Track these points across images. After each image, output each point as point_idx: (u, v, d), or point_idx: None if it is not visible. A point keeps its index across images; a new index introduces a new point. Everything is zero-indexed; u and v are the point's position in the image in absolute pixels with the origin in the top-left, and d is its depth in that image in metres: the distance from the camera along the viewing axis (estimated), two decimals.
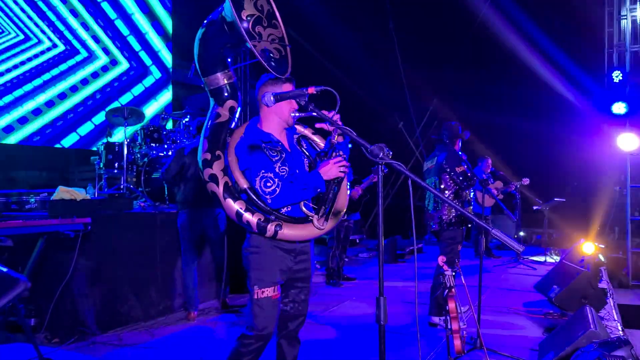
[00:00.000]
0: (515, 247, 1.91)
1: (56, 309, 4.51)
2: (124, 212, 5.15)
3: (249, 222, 2.62)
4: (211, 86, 2.79)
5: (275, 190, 2.59)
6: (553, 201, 9.10)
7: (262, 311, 2.70)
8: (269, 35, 2.67)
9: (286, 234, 2.64)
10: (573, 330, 3.69)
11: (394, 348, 4.35)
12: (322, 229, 2.69)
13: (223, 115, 2.79)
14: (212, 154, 2.71)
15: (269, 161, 2.66)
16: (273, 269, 2.72)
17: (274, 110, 2.73)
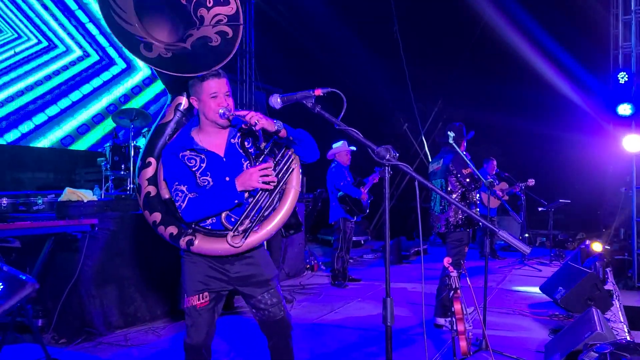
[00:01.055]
0: (522, 248, 1.91)
1: (63, 309, 4.55)
2: (131, 213, 5.18)
3: (162, 234, 2.55)
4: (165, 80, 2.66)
5: (181, 205, 2.45)
6: (558, 202, 9.07)
7: (191, 321, 2.60)
8: (214, 17, 2.38)
9: (199, 248, 2.50)
10: (579, 331, 3.69)
11: (400, 349, 4.36)
12: (238, 247, 2.45)
13: (167, 114, 2.63)
14: (143, 161, 2.60)
15: (187, 171, 2.49)
16: (198, 276, 2.58)
17: (201, 111, 2.51)
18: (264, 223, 2.51)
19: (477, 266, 7.84)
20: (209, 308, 2.62)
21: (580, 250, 7.01)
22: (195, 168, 2.51)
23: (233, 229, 2.47)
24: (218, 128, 2.55)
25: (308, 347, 4.44)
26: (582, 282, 5.33)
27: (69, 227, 4.26)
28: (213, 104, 2.47)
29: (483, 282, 4.49)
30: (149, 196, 2.55)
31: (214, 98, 2.47)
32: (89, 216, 4.49)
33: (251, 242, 2.50)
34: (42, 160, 8.17)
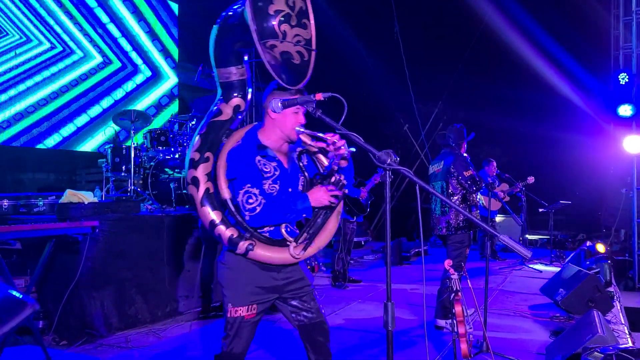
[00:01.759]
0: (523, 252, 1.91)
1: (64, 311, 4.55)
2: (131, 215, 5.18)
3: (221, 234, 2.47)
4: (221, 79, 2.62)
5: (255, 209, 2.40)
6: (558, 204, 9.07)
7: (233, 331, 2.55)
8: (295, 36, 2.43)
9: (258, 255, 2.47)
10: (580, 334, 3.69)
11: (400, 351, 4.36)
12: (298, 258, 2.51)
13: (225, 113, 2.62)
14: (201, 154, 2.54)
15: (259, 176, 2.48)
16: (249, 287, 2.54)
17: (278, 123, 2.53)
18: (317, 237, 2.59)
19: (478, 267, 7.84)
20: (255, 320, 2.60)
21: (584, 251, 7.00)
22: (269, 174, 2.52)
23: (296, 241, 2.52)
24: (284, 141, 2.59)
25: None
26: (583, 283, 5.33)
27: (69, 229, 4.27)
28: (294, 120, 2.52)
29: (483, 283, 4.49)
30: (208, 192, 2.50)
31: (296, 114, 2.52)
32: (90, 218, 4.49)
33: (308, 254, 2.57)
34: (42, 161, 8.19)
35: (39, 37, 7.95)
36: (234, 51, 2.58)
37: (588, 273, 5.47)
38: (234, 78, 2.61)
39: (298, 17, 2.42)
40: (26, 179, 8.06)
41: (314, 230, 2.55)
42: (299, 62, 2.45)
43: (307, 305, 2.68)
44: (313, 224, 2.55)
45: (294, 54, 2.43)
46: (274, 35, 2.35)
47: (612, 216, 9.54)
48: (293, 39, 2.42)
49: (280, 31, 2.36)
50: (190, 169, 2.54)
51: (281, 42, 2.37)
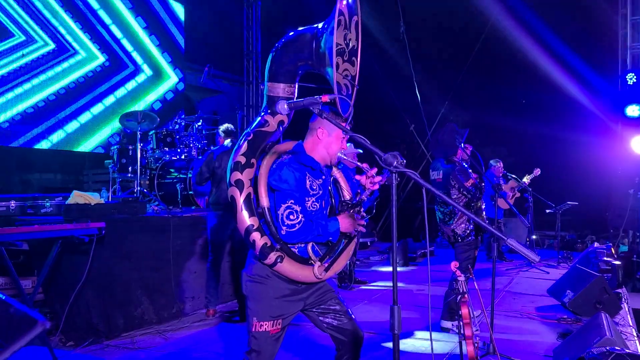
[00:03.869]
0: (531, 257, 1.90)
1: (71, 312, 4.56)
2: (138, 216, 5.19)
3: (255, 241, 2.50)
4: (270, 92, 2.74)
5: (295, 226, 2.46)
6: (566, 204, 9.02)
7: (258, 345, 2.56)
8: (344, 70, 2.62)
9: (284, 269, 2.51)
10: (588, 337, 3.66)
11: (406, 352, 4.35)
12: (320, 278, 2.57)
13: (271, 125, 2.71)
14: (247, 159, 2.60)
15: (306, 193, 2.54)
16: (276, 301, 2.56)
17: (324, 144, 2.62)
18: (337, 261, 2.67)
19: (484, 268, 7.80)
20: (279, 335, 2.61)
21: (592, 252, 6.95)
22: (314, 193, 2.59)
23: (321, 261, 2.58)
24: (326, 163, 2.68)
25: (314, 350, 4.43)
26: (591, 285, 5.30)
27: (76, 230, 4.28)
28: (339, 144, 2.63)
29: (490, 284, 4.47)
30: (249, 197, 2.56)
31: (342, 140, 2.64)
32: (96, 219, 4.50)
33: (328, 275, 2.63)
34: (49, 161, 8.23)
35: (44, 37, 7.98)
36: (291, 70, 2.71)
37: (596, 275, 5.44)
38: (281, 94, 2.72)
39: (350, 54, 2.63)
40: (33, 179, 8.10)
41: (336, 254, 2.65)
42: (345, 94, 2.61)
43: (333, 308, 2.72)
44: (336, 248, 2.64)
45: (342, 85, 2.60)
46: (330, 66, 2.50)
47: (619, 217, 9.46)
48: (342, 72, 2.61)
49: (334, 62, 2.50)
50: (234, 171, 2.58)
51: (335, 73, 2.51)
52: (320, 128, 2.61)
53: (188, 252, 5.65)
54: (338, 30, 2.51)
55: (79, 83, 8.45)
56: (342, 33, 2.55)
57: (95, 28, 8.78)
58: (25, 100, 7.63)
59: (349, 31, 2.60)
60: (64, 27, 8.28)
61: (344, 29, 2.57)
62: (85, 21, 8.59)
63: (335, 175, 2.82)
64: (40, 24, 7.92)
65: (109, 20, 8.99)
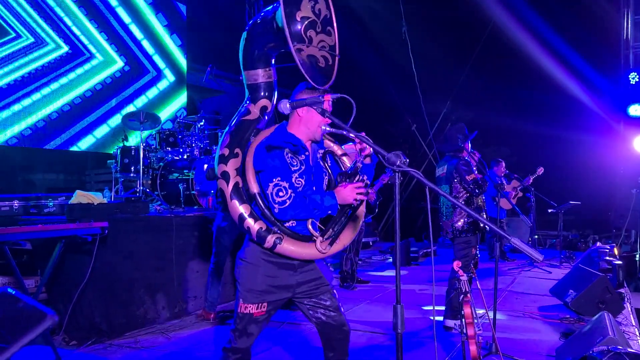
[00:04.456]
0: (535, 256, 1.90)
1: (74, 311, 4.58)
2: (140, 216, 5.20)
3: (249, 227, 2.52)
4: (248, 81, 2.73)
5: (285, 202, 2.46)
6: (568, 204, 9.01)
7: (242, 325, 2.62)
8: (320, 42, 2.56)
9: (285, 249, 2.52)
10: (591, 337, 3.66)
11: (409, 352, 4.34)
12: (324, 253, 2.57)
13: (253, 113, 2.72)
14: (231, 150, 2.62)
15: (288, 169, 2.53)
16: (262, 286, 2.59)
17: (304, 120, 2.61)
18: (342, 234, 2.64)
19: (487, 268, 7.81)
20: (264, 318, 2.66)
21: (595, 251, 6.94)
22: (295, 168, 2.57)
23: (323, 236, 2.56)
24: (309, 138, 2.66)
25: (316, 350, 4.44)
26: (593, 285, 5.30)
27: (79, 230, 4.28)
28: (320, 118, 2.59)
29: (492, 284, 4.47)
30: (237, 186, 2.57)
31: (324, 103, 2.58)
32: (99, 219, 4.50)
33: (334, 250, 2.62)
34: (52, 162, 8.24)
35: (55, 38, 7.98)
36: (263, 54, 2.69)
37: (598, 274, 5.43)
38: (261, 80, 2.71)
39: (323, 25, 2.57)
40: (36, 179, 8.12)
41: (339, 227, 2.60)
42: (324, 65, 2.57)
43: (324, 304, 2.73)
44: (338, 221, 2.59)
45: (320, 58, 2.56)
46: (301, 40, 2.47)
47: (622, 216, 9.47)
48: (318, 44, 2.55)
49: (307, 36, 2.49)
50: (220, 164, 2.61)
51: (307, 47, 2.49)
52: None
53: (190, 252, 5.65)
54: (302, 3, 2.47)
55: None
56: (307, 5, 2.49)
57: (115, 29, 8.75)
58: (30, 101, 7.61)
59: (315, 1, 2.54)
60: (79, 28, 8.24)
61: (310, 1, 2.51)
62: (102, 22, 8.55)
63: (332, 148, 2.81)
64: (51, 25, 7.90)
65: (128, 20, 8.96)
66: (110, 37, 8.81)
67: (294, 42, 2.40)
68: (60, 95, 7.97)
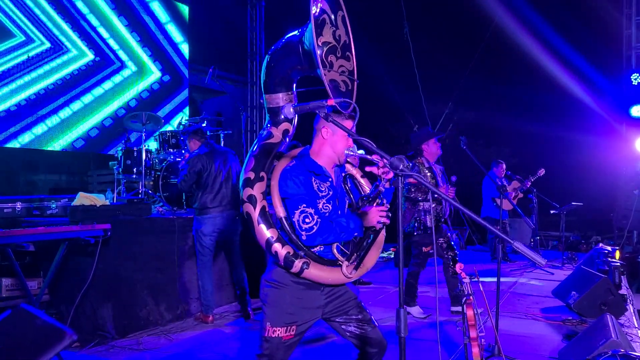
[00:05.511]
0: (538, 260, 1.90)
1: (77, 313, 4.59)
2: (143, 218, 5.21)
3: (277, 252, 2.50)
4: (270, 104, 2.75)
5: (312, 228, 2.47)
6: (570, 205, 9.00)
7: (269, 350, 2.56)
8: (340, 67, 2.61)
9: (312, 275, 2.52)
10: (593, 339, 3.66)
11: (412, 354, 4.34)
12: (350, 277, 2.57)
13: (276, 136, 2.72)
14: (256, 174, 2.61)
15: (315, 195, 2.55)
16: (292, 308, 2.57)
17: (330, 143, 2.63)
18: (366, 258, 2.64)
19: (489, 269, 7.80)
20: (292, 342, 2.61)
21: (597, 253, 6.93)
22: (323, 194, 2.59)
23: (349, 260, 2.57)
24: (334, 162, 2.68)
25: (318, 352, 4.44)
26: (596, 286, 5.29)
27: (82, 232, 4.30)
28: (345, 142, 2.63)
29: (494, 285, 4.47)
30: (264, 210, 2.56)
31: (347, 138, 2.62)
32: (102, 221, 4.51)
33: (359, 274, 2.63)
34: (54, 162, 8.25)
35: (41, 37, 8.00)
36: (285, 77, 2.72)
37: (601, 276, 5.43)
38: (282, 104, 2.72)
39: (342, 50, 2.64)
40: (38, 180, 8.13)
41: (363, 251, 2.61)
42: (345, 90, 2.62)
43: (356, 317, 2.71)
44: (362, 245, 2.60)
45: (340, 82, 2.61)
46: (323, 65, 2.50)
47: (624, 217, 9.46)
48: (338, 69, 2.61)
49: (328, 61, 2.54)
50: (246, 187, 2.59)
51: (328, 71, 2.53)
52: (324, 127, 2.63)
53: (193, 253, 5.65)
54: (324, 29, 2.51)
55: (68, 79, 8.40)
56: (329, 31, 2.54)
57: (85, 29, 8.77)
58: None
59: (336, 28, 2.59)
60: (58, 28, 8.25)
61: (331, 27, 2.56)
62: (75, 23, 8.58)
63: (352, 172, 2.84)
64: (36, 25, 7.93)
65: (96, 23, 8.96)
66: (112, 37, 8.82)
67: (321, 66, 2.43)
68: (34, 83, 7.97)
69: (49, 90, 7.99)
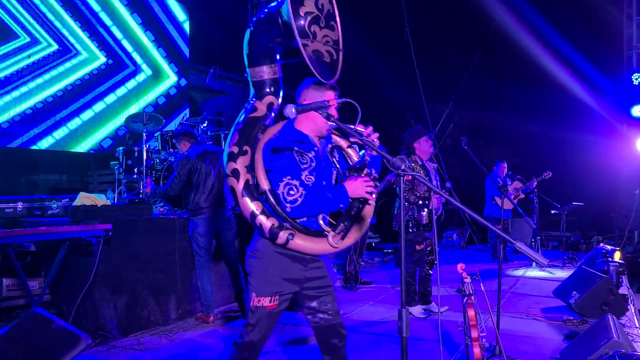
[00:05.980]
0: (540, 260, 1.90)
1: (78, 313, 4.59)
2: (144, 218, 5.21)
3: (262, 225, 2.53)
4: (254, 78, 2.73)
5: (297, 200, 2.48)
6: (571, 205, 9.00)
7: (255, 320, 2.62)
8: (324, 37, 2.57)
9: (298, 245, 2.54)
10: (595, 339, 3.66)
11: (413, 354, 4.34)
12: (336, 247, 2.59)
13: (260, 109, 2.72)
14: (240, 148, 2.61)
15: (297, 167, 2.55)
16: (275, 278, 2.61)
17: (311, 116, 2.62)
18: (353, 228, 2.67)
19: (489, 269, 7.80)
20: (276, 312, 2.67)
21: (598, 253, 6.94)
22: (305, 165, 2.59)
23: (337, 230, 2.59)
24: (316, 135, 2.69)
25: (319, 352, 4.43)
26: (597, 286, 5.29)
27: (83, 232, 4.30)
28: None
29: (495, 285, 4.47)
30: (248, 184, 2.57)
31: (329, 108, 2.57)
32: (103, 221, 4.52)
33: (345, 244, 2.64)
34: (54, 162, 8.25)
35: (47, 39, 7.99)
36: (268, 50, 2.69)
37: (602, 276, 5.43)
38: (266, 77, 2.72)
39: (326, 19, 2.58)
40: (39, 180, 8.13)
41: (350, 221, 2.63)
42: (329, 60, 2.58)
43: (324, 307, 2.74)
44: (349, 215, 2.62)
45: (324, 52, 2.57)
46: (306, 35, 2.48)
47: (625, 217, 9.47)
48: (322, 39, 2.57)
49: (311, 32, 2.51)
50: (229, 161, 2.60)
51: (312, 42, 2.50)
52: (305, 99, 2.64)
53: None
54: (306, 0, 2.48)
55: (80, 83, 8.41)
56: (310, 0, 2.51)
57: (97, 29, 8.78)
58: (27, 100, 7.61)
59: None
60: (67, 28, 8.26)
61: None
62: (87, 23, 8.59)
63: (339, 142, 2.85)
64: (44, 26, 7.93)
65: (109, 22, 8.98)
66: (114, 37, 8.83)
67: (299, 37, 2.41)
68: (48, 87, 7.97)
69: (57, 97, 8.00)
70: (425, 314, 5.49)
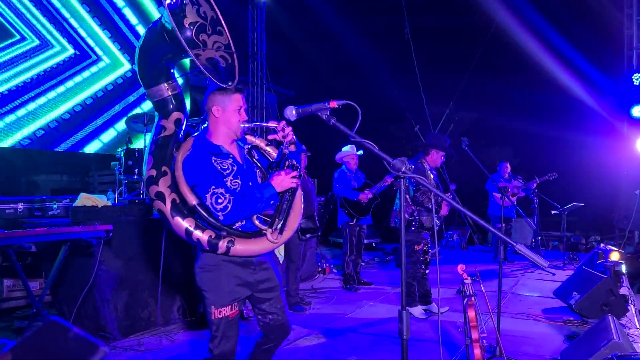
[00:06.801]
0: (541, 262, 1.90)
1: (78, 314, 4.59)
2: (145, 218, 5.21)
3: (199, 239, 2.53)
4: (154, 98, 2.71)
5: (227, 207, 2.49)
6: (571, 205, 8.99)
7: (220, 331, 2.63)
8: (214, 43, 2.59)
9: (239, 250, 2.56)
10: (595, 340, 3.65)
11: (411, 355, 4.34)
12: (276, 243, 2.64)
13: (168, 128, 2.70)
14: (158, 170, 2.59)
15: (220, 175, 2.56)
16: (230, 286, 2.63)
17: (222, 121, 2.65)
18: (289, 220, 2.70)
19: (490, 270, 7.80)
20: (237, 318, 2.70)
21: (598, 253, 6.93)
22: (228, 171, 2.61)
23: (272, 227, 2.62)
24: (232, 138, 2.71)
25: (321, 353, 4.45)
26: (597, 287, 5.29)
27: (83, 233, 4.30)
28: (237, 117, 2.66)
29: (496, 286, 4.47)
30: (175, 203, 2.56)
31: (238, 111, 2.66)
32: (104, 222, 4.52)
33: (284, 238, 2.69)
34: (56, 163, 8.26)
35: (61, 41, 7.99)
36: (161, 68, 2.67)
37: (602, 277, 5.43)
38: (166, 94, 2.70)
39: (212, 26, 2.59)
40: (40, 180, 8.14)
41: (283, 215, 2.68)
42: (225, 65, 2.61)
43: (273, 309, 2.81)
44: (281, 209, 2.67)
45: (219, 58, 2.60)
46: (196, 45, 2.49)
47: (626, 218, 9.44)
48: (213, 46, 2.59)
49: (200, 41, 2.52)
50: (151, 185, 2.59)
51: (204, 50, 2.52)
52: (214, 106, 2.66)
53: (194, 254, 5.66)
54: (186, 10, 2.48)
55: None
56: (192, 10, 2.51)
57: None
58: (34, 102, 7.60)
59: (199, 5, 2.55)
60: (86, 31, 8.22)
61: (193, 5, 2.53)
62: None
63: (255, 142, 2.90)
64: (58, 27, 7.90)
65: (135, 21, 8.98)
66: (114, 37, 8.82)
67: (190, 48, 2.42)
68: (65, 99, 7.96)
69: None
70: (426, 315, 5.49)
